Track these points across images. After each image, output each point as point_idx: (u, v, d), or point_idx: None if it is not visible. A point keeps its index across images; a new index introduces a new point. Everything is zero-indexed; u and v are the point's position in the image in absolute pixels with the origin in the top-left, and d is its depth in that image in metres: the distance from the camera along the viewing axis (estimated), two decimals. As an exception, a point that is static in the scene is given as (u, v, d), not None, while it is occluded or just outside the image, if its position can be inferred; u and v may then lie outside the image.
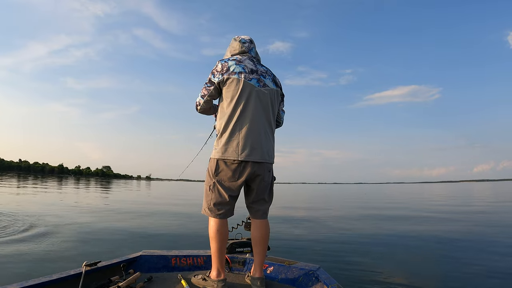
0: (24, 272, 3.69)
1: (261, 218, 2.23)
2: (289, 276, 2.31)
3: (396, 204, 17.21)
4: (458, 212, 12.08)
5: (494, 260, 4.58)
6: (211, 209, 2.12)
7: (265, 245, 2.22)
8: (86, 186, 35.11)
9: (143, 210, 11.71)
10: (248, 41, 2.29)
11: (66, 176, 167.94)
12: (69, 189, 26.90)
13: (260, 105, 2.13)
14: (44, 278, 1.88)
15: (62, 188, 27.98)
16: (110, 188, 32.96)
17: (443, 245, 5.48)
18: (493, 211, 12.44)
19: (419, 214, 11.46)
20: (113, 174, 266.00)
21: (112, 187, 36.05)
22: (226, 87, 2.10)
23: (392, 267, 4.20)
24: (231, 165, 2.07)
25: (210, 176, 2.14)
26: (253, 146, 2.07)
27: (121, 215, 9.69)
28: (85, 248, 4.99)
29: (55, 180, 59.39)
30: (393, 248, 5.39)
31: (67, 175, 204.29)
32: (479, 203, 17.92)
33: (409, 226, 7.89)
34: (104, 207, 12.20)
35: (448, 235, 6.63)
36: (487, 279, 3.75)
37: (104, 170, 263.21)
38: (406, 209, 13.89)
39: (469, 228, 7.87)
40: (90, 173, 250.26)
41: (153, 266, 2.49)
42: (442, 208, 14.57)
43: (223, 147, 2.08)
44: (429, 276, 3.79)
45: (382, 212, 11.85)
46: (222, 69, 2.11)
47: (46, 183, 36.57)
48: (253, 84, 2.12)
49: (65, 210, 10.09)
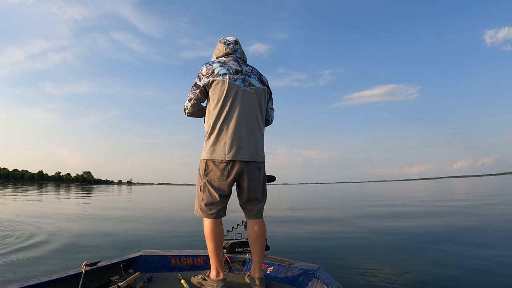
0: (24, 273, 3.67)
1: (256, 218, 2.24)
2: (289, 276, 2.32)
3: (388, 202, 17.40)
4: (457, 207, 12.32)
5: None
6: (203, 210, 2.13)
7: (262, 244, 2.23)
8: (67, 193, 34.18)
9: (132, 214, 11.54)
10: (233, 42, 2.32)
11: (46, 183, 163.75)
12: (50, 196, 26.13)
13: (246, 105, 2.15)
14: (44, 278, 1.87)
15: (43, 195, 27.15)
16: (92, 194, 32.15)
17: (443, 245, 5.39)
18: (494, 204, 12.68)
19: (415, 211, 11.47)
20: (93, 180, 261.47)
21: (94, 193, 35.18)
22: (212, 89, 2.14)
23: (392, 267, 4.13)
24: (220, 164, 2.09)
25: (201, 176, 2.16)
26: (240, 145, 2.09)
27: (109, 220, 9.49)
28: (76, 254, 4.87)
29: (35, 187, 57.73)
30: (393, 248, 5.33)
31: (47, 181, 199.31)
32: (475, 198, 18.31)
33: (408, 226, 7.81)
34: (90, 212, 11.92)
35: (447, 233, 6.60)
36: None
37: (84, 176, 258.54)
38: (400, 206, 13.97)
39: (473, 223, 8.00)
40: (70, 179, 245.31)
41: (153, 266, 2.49)
42: (434, 204, 14.78)
43: (211, 147, 2.11)
44: (428, 275, 3.77)
45: (380, 211, 11.77)
46: (207, 72, 2.15)
47: (26, 191, 35.47)
48: (238, 84, 2.14)
49: (49, 217, 9.80)
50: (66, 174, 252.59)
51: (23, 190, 36.28)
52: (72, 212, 11.94)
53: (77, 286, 1.84)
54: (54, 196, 25.15)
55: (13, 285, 1.73)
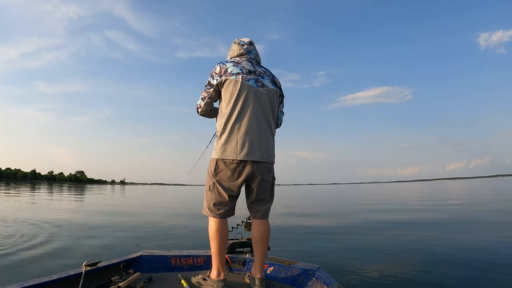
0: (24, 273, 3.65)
1: (262, 218, 2.23)
2: (289, 276, 2.32)
3: (385, 202, 17.51)
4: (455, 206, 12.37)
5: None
6: (211, 209, 2.12)
7: (266, 245, 2.23)
8: (60, 192, 33.87)
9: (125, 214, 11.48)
10: (247, 43, 2.32)
11: (39, 182, 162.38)
12: (43, 195, 25.91)
13: (258, 105, 2.14)
14: (44, 278, 1.86)
15: (36, 194, 26.88)
16: (85, 194, 31.85)
17: (443, 245, 5.38)
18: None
19: (412, 212, 11.49)
20: (86, 179, 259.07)
21: (87, 193, 34.81)
22: (224, 88, 2.13)
23: (392, 267, 4.13)
24: (230, 164, 2.07)
25: (210, 176, 2.14)
26: (251, 146, 2.08)
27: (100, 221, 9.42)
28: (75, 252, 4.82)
29: (28, 186, 57.18)
30: (393, 248, 5.32)
31: (40, 181, 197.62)
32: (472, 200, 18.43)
33: (407, 224, 7.87)
34: (89, 211, 11.84)
35: (447, 233, 6.60)
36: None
37: (77, 176, 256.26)
38: (397, 206, 14.05)
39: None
40: (63, 178, 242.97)
41: (153, 266, 2.48)
42: (431, 204, 14.91)
43: (222, 147, 2.09)
44: (428, 275, 3.76)
45: (378, 212, 11.86)
46: (221, 71, 2.14)
47: (19, 189, 35.17)
48: (251, 84, 2.13)
49: (42, 216, 9.70)
50: (59, 174, 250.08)
51: (16, 189, 35.93)
52: (64, 212, 11.85)
53: (77, 286, 1.83)
54: (47, 196, 24.92)
55: (13, 285, 1.72)
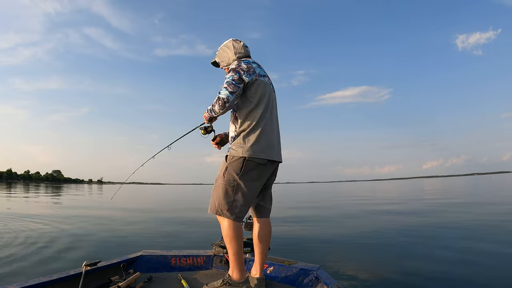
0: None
1: (267, 216, 2.27)
2: (289, 276, 2.34)
3: (377, 201, 17.67)
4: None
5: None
6: (232, 211, 2.01)
7: (268, 244, 2.25)
8: (36, 192, 32.79)
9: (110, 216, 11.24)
10: (248, 46, 2.33)
11: (15, 181, 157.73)
12: (18, 194, 25.18)
13: (275, 108, 2.26)
14: (44, 278, 1.86)
15: (12, 194, 26.14)
16: (63, 193, 30.90)
17: (444, 244, 5.38)
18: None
19: (410, 210, 11.40)
20: (63, 179, 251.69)
21: (64, 193, 33.71)
22: (254, 88, 2.10)
23: (392, 267, 4.12)
24: (259, 165, 2.05)
25: (234, 175, 2.03)
26: (273, 147, 2.13)
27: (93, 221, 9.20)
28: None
29: (3, 186, 55.47)
30: (393, 248, 5.31)
31: (16, 180, 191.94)
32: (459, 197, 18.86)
33: (407, 225, 7.90)
34: (68, 213, 11.53)
35: (447, 233, 6.55)
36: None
37: (54, 175, 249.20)
38: (391, 205, 14.17)
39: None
40: (40, 178, 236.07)
41: (153, 266, 2.48)
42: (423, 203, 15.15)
43: (252, 146, 2.03)
44: (428, 275, 3.74)
45: (376, 210, 11.93)
46: (249, 70, 2.09)
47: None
48: (271, 87, 2.24)
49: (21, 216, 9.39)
50: (35, 173, 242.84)
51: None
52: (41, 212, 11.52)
53: (77, 286, 1.83)
54: (23, 195, 24.21)
55: (13, 285, 1.72)
